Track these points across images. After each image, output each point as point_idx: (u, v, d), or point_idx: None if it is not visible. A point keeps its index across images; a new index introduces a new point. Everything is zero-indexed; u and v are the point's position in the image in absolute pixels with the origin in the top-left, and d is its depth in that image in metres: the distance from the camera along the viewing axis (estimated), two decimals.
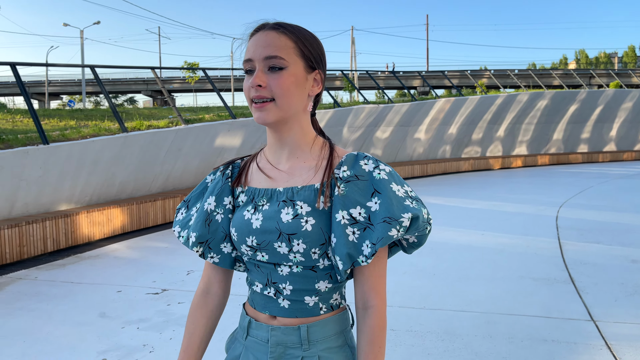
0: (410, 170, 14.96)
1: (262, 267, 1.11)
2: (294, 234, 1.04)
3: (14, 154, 6.08)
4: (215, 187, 1.18)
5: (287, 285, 1.09)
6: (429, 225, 1.08)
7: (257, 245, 1.07)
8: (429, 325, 3.73)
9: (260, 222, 1.07)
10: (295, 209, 1.05)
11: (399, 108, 14.46)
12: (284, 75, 1.04)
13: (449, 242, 6.50)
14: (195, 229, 1.16)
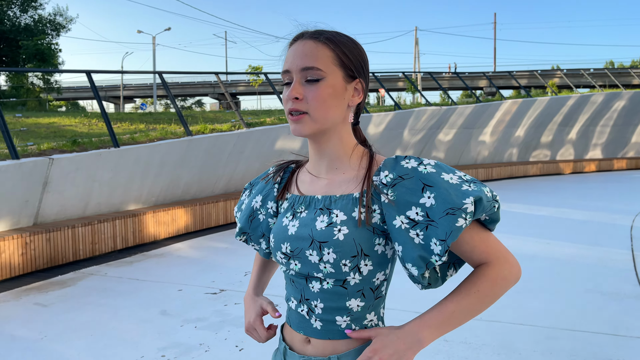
0: (474, 174, 14.54)
1: (296, 282, 1.10)
2: (325, 242, 1.01)
3: (88, 156, 6.47)
4: (264, 187, 1.20)
5: (319, 303, 1.06)
6: (496, 203, 1.02)
7: (291, 253, 1.07)
8: (485, 338, 3.61)
9: (295, 228, 1.07)
10: (331, 217, 1.03)
11: (463, 110, 14.10)
12: (321, 87, 1.02)
13: (511, 250, 6.25)
14: (241, 220, 1.23)
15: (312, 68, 1.01)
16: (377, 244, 1.03)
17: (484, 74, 21.67)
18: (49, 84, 26.65)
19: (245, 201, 1.26)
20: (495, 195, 1.02)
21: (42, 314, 4.40)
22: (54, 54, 24.76)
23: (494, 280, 1.00)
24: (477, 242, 1.01)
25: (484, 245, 1.01)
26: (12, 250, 5.47)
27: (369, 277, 1.04)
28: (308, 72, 1.02)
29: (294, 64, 1.03)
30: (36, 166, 5.88)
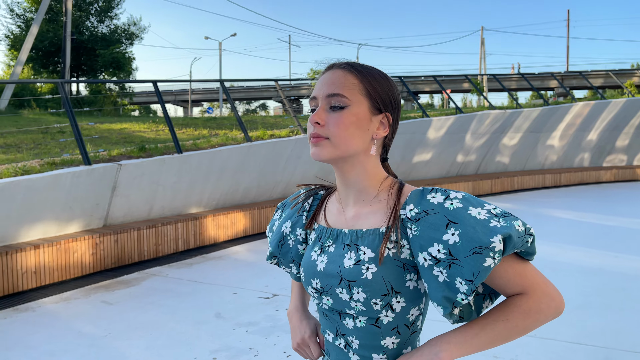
0: (541, 180, 13.96)
1: (329, 317, 1.09)
2: (354, 281, 1.00)
3: (153, 162, 6.82)
4: (293, 214, 1.20)
5: (354, 339, 1.06)
6: (530, 237, 0.96)
7: (322, 289, 1.06)
8: (538, 356, 3.48)
9: (324, 264, 1.06)
10: (359, 254, 1.01)
11: (529, 113, 13.57)
12: (344, 115, 1.02)
13: (574, 263, 5.98)
14: (271, 244, 1.24)
15: (337, 95, 1.02)
16: (408, 280, 1.00)
17: (552, 74, 20.71)
18: (124, 89, 28.19)
19: (276, 223, 1.26)
20: (529, 229, 0.97)
21: (108, 312, 4.69)
22: (128, 62, 26.16)
23: (526, 312, 0.97)
24: (512, 275, 0.97)
25: (519, 278, 0.97)
26: (84, 250, 5.86)
27: (403, 313, 1.02)
28: (333, 99, 1.02)
29: (321, 90, 1.04)
30: (106, 171, 6.26)
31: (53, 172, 5.80)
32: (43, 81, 6.50)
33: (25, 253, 5.31)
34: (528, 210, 10.09)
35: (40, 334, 4.17)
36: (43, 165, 6.28)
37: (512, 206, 10.66)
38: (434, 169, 12.45)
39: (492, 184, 12.77)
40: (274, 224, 1.27)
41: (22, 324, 4.39)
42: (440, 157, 12.31)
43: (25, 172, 5.81)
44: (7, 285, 5.16)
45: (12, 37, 26.06)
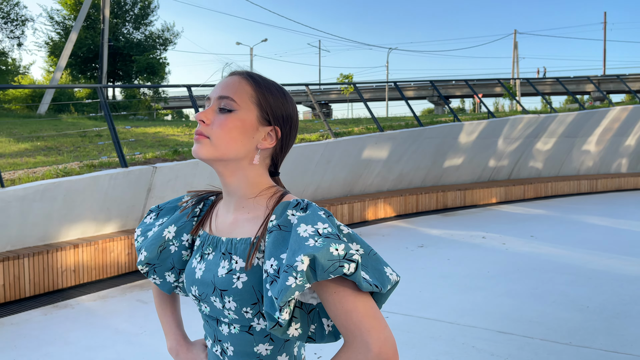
0: (576, 186, 13.63)
1: (209, 322, 1.09)
2: (225, 290, 0.99)
3: (186, 165, 6.96)
4: (180, 218, 1.16)
5: (229, 346, 1.05)
6: (349, 263, 0.87)
7: (199, 296, 1.05)
8: None
9: (202, 272, 1.05)
10: (231, 263, 1.01)
11: (564, 118, 13.29)
12: (229, 117, 1.01)
13: (612, 271, 5.83)
14: (148, 248, 1.15)
15: (227, 97, 1.02)
16: None
17: (588, 78, 20.22)
18: (157, 94, 28.81)
19: (154, 228, 1.19)
20: (352, 255, 0.89)
21: (143, 310, 4.81)
22: (162, 67, 26.76)
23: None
24: (339, 310, 0.90)
25: (344, 317, 0.89)
26: (120, 250, 6.02)
27: None
28: (223, 101, 1.02)
29: (214, 92, 1.05)
30: (142, 174, 6.43)
31: (92, 174, 5.99)
32: (83, 86, 6.73)
33: (65, 252, 5.50)
34: (562, 216, 9.87)
35: (79, 330, 4.31)
36: (82, 167, 6.49)
37: (546, 212, 10.46)
38: (465, 174, 12.31)
39: (525, 190, 12.54)
40: (148, 228, 1.20)
41: (62, 320, 4.55)
42: (471, 162, 12.17)
43: (66, 173, 6.02)
44: (47, 282, 5.34)
45: (52, 43, 26.97)
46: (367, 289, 0.89)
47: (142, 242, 1.18)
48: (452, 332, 4.04)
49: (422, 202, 10.53)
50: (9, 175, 6.19)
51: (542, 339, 3.87)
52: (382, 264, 0.96)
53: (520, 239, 7.70)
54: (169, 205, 1.22)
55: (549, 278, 5.54)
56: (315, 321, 1.01)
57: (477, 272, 5.89)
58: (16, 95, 25.62)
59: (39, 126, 11.59)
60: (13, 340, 4.10)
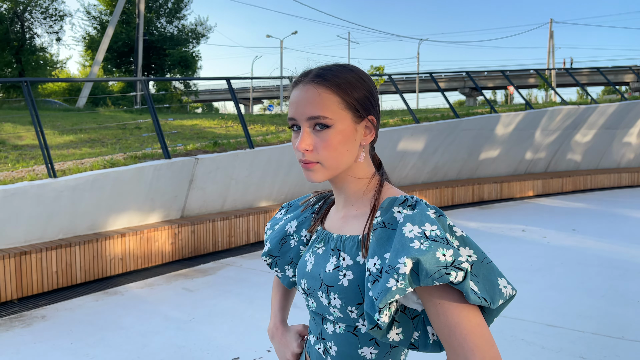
0: (617, 179, 13.27)
1: (315, 319, 1.07)
2: (331, 286, 0.98)
3: (227, 156, 7.06)
4: (301, 215, 1.18)
5: (333, 345, 1.03)
6: (457, 271, 0.82)
7: (307, 290, 1.05)
8: (628, 359, 3.35)
9: (311, 266, 1.05)
10: (339, 260, 0.99)
11: (605, 109, 12.93)
12: (330, 135, 0.96)
13: None
14: (272, 241, 1.19)
15: (319, 117, 0.96)
16: None
17: (630, 68, 19.56)
18: (189, 87, 29.20)
19: (280, 222, 1.22)
20: (461, 262, 0.83)
21: (190, 298, 4.92)
22: (195, 61, 27.08)
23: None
24: (443, 323, 0.84)
25: (446, 330, 0.84)
26: (164, 240, 6.16)
27: None
28: (314, 121, 0.96)
29: (299, 112, 0.98)
30: (184, 165, 6.55)
31: (137, 165, 6.13)
32: (125, 79, 6.88)
33: (113, 241, 5.66)
34: (604, 210, 9.64)
35: (130, 316, 4.44)
36: (127, 158, 6.65)
37: (587, 206, 10.22)
38: (502, 166, 12.12)
39: (562, 183, 12.28)
40: (276, 222, 1.23)
41: (113, 307, 4.69)
42: (508, 154, 11.97)
43: (112, 164, 6.18)
44: (97, 270, 5.52)
45: (89, 38, 27.57)
46: (474, 301, 0.83)
47: (269, 235, 1.22)
48: (500, 324, 4.01)
49: (458, 194, 10.43)
50: (59, 166, 6.39)
51: (594, 332, 3.81)
52: (496, 275, 0.89)
53: (561, 233, 7.56)
54: (297, 202, 1.24)
55: (596, 272, 5.43)
56: (419, 328, 0.96)
57: (520, 265, 5.81)
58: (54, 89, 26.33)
59: (79, 119, 11.90)
60: (69, 325, 4.26)
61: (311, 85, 0.97)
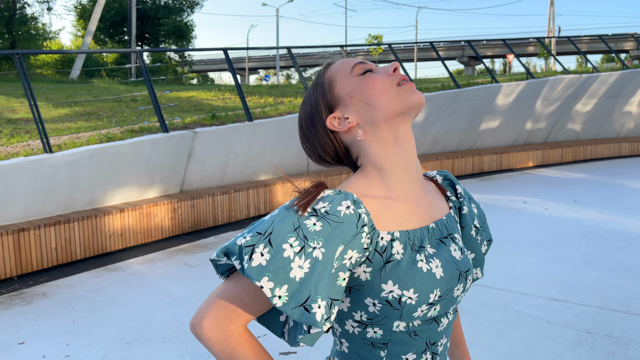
0: (616, 149, 13.21)
1: (420, 333, 0.93)
2: (467, 270, 0.97)
3: (225, 129, 6.94)
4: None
5: (443, 340, 0.97)
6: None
7: (440, 297, 0.91)
8: (634, 333, 3.35)
9: (441, 270, 0.99)
10: (457, 242, 1.02)
11: (606, 78, 12.76)
12: None
13: None
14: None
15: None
16: None
17: (632, 35, 19.27)
18: (184, 57, 28.71)
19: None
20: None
21: (191, 274, 4.89)
22: (189, 30, 26.57)
23: None
24: None
25: None
26: (164, 215, 6.10)
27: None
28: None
29: (357, 60, 0.98)
30: (182, 139, 6.44)
31: (134, 139, 6.01)
32: (120, 51, 6.69)
33: (112, 216, 5.59)
34: (605, 180, 9.60)
35: (132, 292, 4.41)
36: (124, 132, 6.53)
37: (587, 176, 10.18)
38: (501, 137, 12.02)
39: (562, 153, 12.21)
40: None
41: (114, 283, 4.66)
42: (508, 125, 11.86)
43: (109, 139, 6.06)
44: (96, 246, 5.46)
45: (81, 7, 26.96)
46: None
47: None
48: (505, 299, 4.00)
49: (458, 166, 10.36)
50: (54, 141, 6.27)
51: (599, 307, 3.80)
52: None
53: (563, 204, 7.53)
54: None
55: (600, 244, 5.42)
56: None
57: (523, 238, 5.79)
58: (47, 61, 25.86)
59: (73, 91, 11.69)
60: (70, 302, 4.22)
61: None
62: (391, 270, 0.87)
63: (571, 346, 3.20)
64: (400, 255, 0.88)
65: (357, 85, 0.94)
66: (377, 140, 0.94)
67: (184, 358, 3.23)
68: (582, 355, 3.09)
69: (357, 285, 0.89)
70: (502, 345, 3.24)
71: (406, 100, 0.93)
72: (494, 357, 3.10)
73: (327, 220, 0.83)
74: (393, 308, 0.88)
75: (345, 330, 0.94)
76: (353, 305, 0.91)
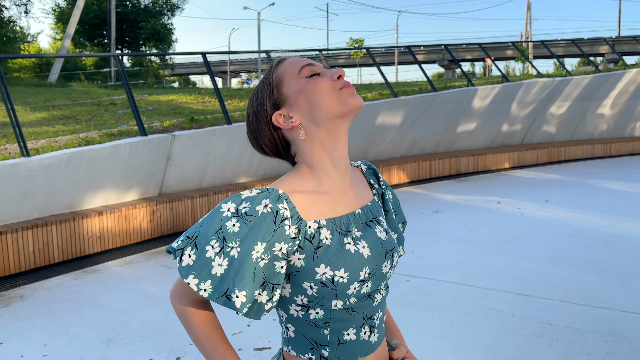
0: (589, 150, 13.56)
1: (357, 308, 1.03)
2: (393, 248, 1.09)
3: (204, 133, 7.01)
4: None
5: (378, 314, 1.07)
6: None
7: (370, 274, 1.02)
8: (593, 324, 3.52)
9: (368, 250, 1.09)
10: (381, 223, 1.14)
11: (579, 81, 13.11)
12: None
13: (629, 234, 5.88)
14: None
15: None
16: None
17: (603, 39, 19.78)
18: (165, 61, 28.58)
19: None
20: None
21: (169, 275, 4.95)
22: (169, 34, 26.47)
23: None
24: None
25: None
26: (142, 217, 6.14)
27: None
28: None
29: (305, 61, 1.06)
30: (161, 142, 6.49)
31: (113, 143, 6.06)
32: (97, 55, 6.72)
33: (90, 219, 5.63)
34: (577, 181, 9.88)
35: (110, 294, 4.46)
36: (102, 136, 6.56)
37: (560, 177, 10.46)
38: (478, 139, 12.27)
39: (538, 154, 12.51)
40: None
41: (93, 285, 4.70)
42: (485, 127, 12.11)
43: (87, 142, 6.09)
44: (75, 249, 5.49)
45: (59, 10, 26.69)
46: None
47: None
48: (473, 294, 4.15)
49: (436, 167, 10.56)
50: (32, 145, 6.28)
51: (562, 300, 3.97)
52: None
53: (535, 204, 7.75)
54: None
55: (567, 242, 5.62)
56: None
57: (494, 236, 5.96)
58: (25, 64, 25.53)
59: (52, 95, 11.63)
60: (48, 304, 4.26)
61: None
62: (322, 255, 0.98)
63: (533, 337, 3.35)
64: (328, 240, 0.99)
65: (303, 87, 1.03)
66: (315, 140, 1.04)
67: (161, 355, 3.30)
68: (542, 345, 3.24)
69: (294, 271, 1.00)
70: (467, 338, 3.38)
71: (346, 103, 1.02)
72: (460, 349, 3.24)
73: (245, 221, 0.95)
74: (328, 288, 0.98)
75: (290, 315, 1.05)
76: (294, 290, 1.02)
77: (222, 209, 0.98)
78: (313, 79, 1.03)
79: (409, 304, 3.99)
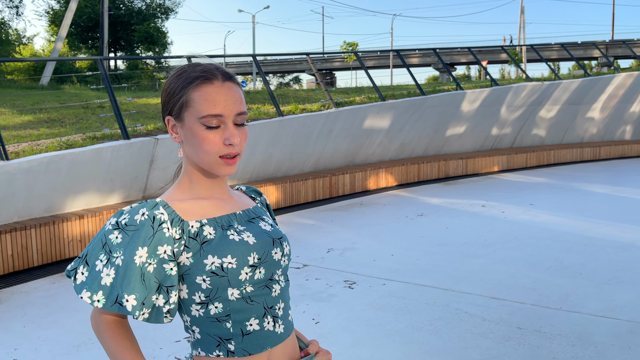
0: (579, 154, 13.62)
1: (255, 297, 1.07)
2: (281, 237, 1.17)
3: None
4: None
5: (280, 304, 1.11)
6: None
7: (259, 260, 1.08)
8: (561, 328, 3.54)
9: (253, 238, 1.15)
10: (267, 221, 1.21)
11: (568, 85, 13.17)
12: (246, 130, 1.09)
13: (607, 238, 5.92)
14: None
15: (244, 113, 1.07)
16: None
17: (594, 43, 19.88)
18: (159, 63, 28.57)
19: None
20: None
21: None
22: (162, 37, 26.49)
23: None
24: None
25: None
26: None
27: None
28: (241, 117, 1.07)
29: (228, 109, 1.04)
30: (144, 145, 6.50)
31: (95, 146, 6.06)
32: (83, 58, 6.74)
33: (71, 223, 5.63)
34: (564, 185, 9.92)
35: None
36: (85, 139, 6.56)
37: (547, 180, 10.50)
38: (468, 143, 12.31)
39: (527, 158, 12.56)
40: None
41: (70, 289, 4.70)
42: (474, 131, 12.15)
43: (69, 146, 6.10)
44: (54, 252, 5.49)
45: (52, 12, 26.68)
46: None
47: None
48: (447, 298, 4.17)
49: (424, 171, 10.59)
50: (13, 148, 6.28)
51: (534, 304, 3.99)
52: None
53: (519, 208, 7.78)
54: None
55: (545, 246, 5.64)
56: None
57: (475, 240, 5.99)
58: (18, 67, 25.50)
59: (42, 97, 11.63)
60: (23, 307, 4.26)
61: (234, 84, 1.07)
62: (208, 248, 1.05)
63: (500, 341, 3.37)
64: (212, 235, 1.07)
65: (197, 131, 1.05)
66: (193, 161, 1.12)
67: None
68: (508, 349, 3.26)
69: (186, 271, 1.06)
70: (436, 342, 3.40)
71: (217, 170, 1.08)
72: (427, 353, 3.26)
73: (126, 232, 1.03)
74: (220, 276, 1.04)
75: (192, 316, 1.09)
76: (190, 289, 1.06)
77: (106, 226, 1.05)
78: (208, 132, 1.04)
79: (382, 308, 4.00)
